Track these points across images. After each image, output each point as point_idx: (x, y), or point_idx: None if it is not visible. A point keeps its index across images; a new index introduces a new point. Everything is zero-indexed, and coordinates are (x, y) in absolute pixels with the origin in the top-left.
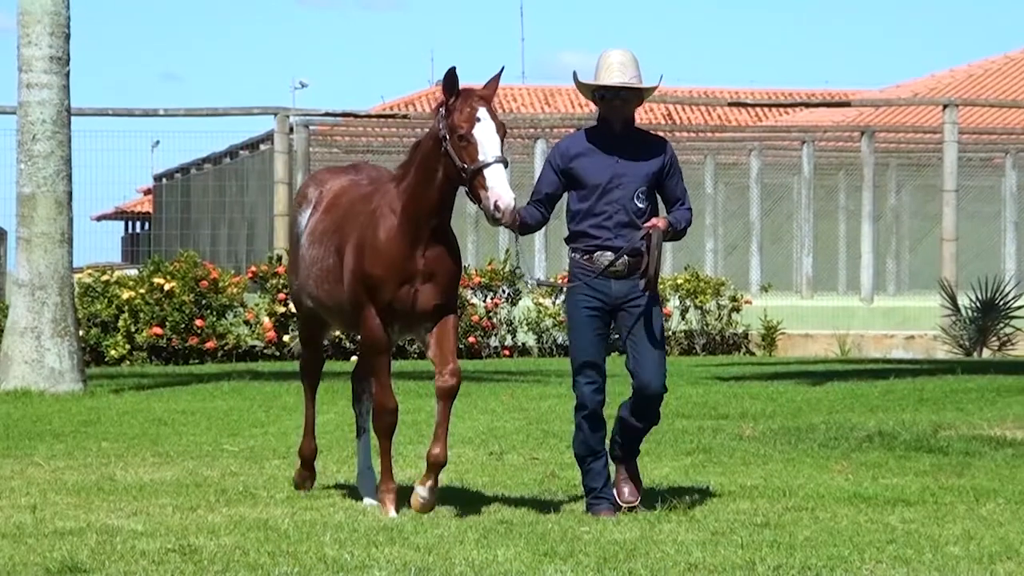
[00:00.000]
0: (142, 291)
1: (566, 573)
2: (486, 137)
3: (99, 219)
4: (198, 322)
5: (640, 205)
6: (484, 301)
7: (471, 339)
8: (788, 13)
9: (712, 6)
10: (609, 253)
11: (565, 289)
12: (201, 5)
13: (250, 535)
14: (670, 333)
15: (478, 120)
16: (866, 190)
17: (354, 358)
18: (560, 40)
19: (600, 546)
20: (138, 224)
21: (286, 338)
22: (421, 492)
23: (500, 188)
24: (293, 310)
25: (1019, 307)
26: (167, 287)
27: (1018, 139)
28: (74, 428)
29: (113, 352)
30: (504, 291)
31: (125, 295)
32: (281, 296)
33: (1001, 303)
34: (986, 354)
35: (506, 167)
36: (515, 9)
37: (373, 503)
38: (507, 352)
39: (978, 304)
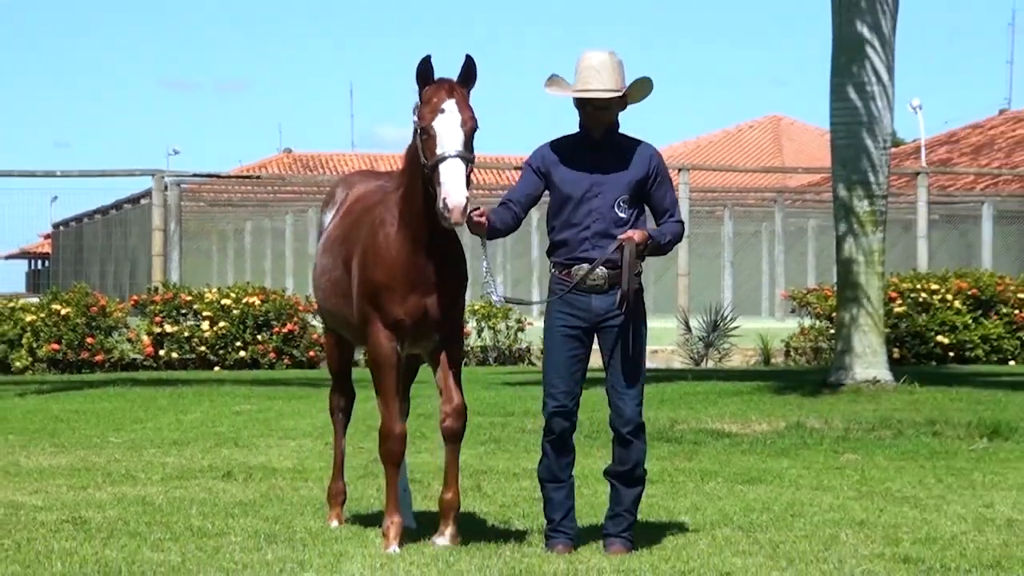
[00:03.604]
0: (43, 315)
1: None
2: (446, 130)
3: (7, 258)
4: (89, 340)
5: (621, 215)
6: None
7: (311, 353)
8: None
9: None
10: (587, 265)
11: (545, 306)
12: (90, 87)
13: (131, 509)
14: (468, 349)
15: (441, 112)
16: None
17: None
18: (381, 115)
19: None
20: (39, 262)
21: (161, 352)
22: (443, 543)
23: (451, 185)
24: (170, 330)
25: (734, 327)
26: (63, 312)
27: (733, 196)
28: None
29: (18, 364)
30: None
31: (28, 318)
32: (157, 319)
33: (721, 324)
34: (710, 364)
35: (467, 164)
36: (346, 89)
37: (411, 525)
38: None
39: (704, 325)
